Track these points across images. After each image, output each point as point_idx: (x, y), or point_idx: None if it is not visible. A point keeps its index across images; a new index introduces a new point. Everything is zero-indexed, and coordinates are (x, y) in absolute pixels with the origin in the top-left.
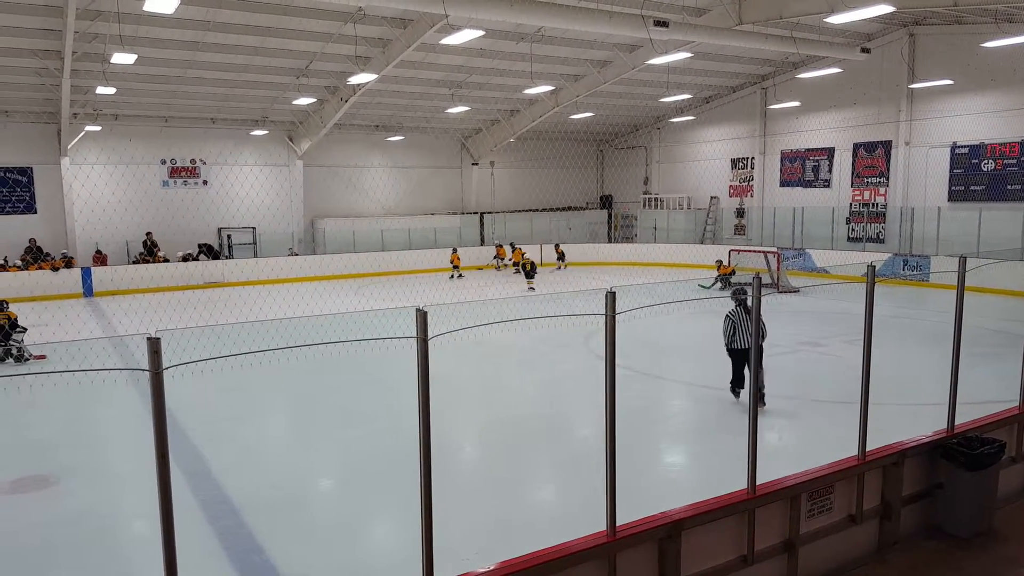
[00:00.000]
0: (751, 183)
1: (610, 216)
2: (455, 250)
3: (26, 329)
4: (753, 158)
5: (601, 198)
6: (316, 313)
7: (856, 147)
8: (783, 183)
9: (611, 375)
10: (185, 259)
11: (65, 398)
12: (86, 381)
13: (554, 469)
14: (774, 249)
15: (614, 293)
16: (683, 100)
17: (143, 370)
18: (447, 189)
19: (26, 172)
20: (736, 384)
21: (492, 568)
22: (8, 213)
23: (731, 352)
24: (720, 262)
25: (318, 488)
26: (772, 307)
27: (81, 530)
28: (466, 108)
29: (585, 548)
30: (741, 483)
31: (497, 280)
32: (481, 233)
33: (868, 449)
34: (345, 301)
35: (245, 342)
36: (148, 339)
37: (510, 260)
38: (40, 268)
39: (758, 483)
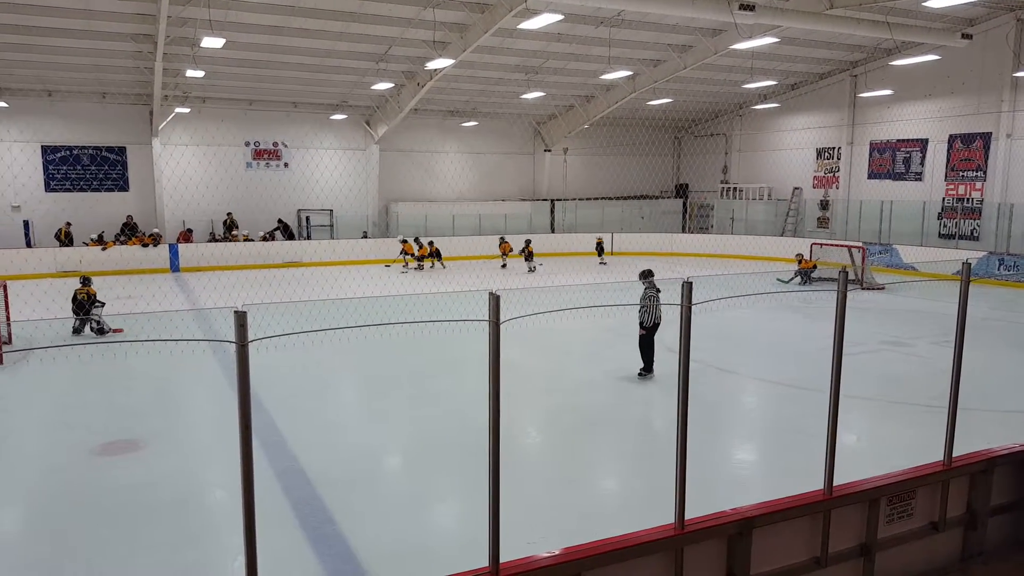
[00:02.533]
0: (837, 174)
1: (685, 205)
2: (503, 239)
3: (104, 304)
4: (840, 148)
5: (676, 187)
6: (389, 293)
7: (952, 139)
8: (871, 175)
9: (685, 366)
10: (265, 238)
11: (153, 366)
12: (174, 351)
13: (620, 459)
14: (859, 244)
15: (691, 283)
16: (767, 87)
17: (230, 342)
18: (519, 175)
19: (121, 152)
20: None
21: (557, 553)
22: (104, 190)
23: (652, 330)
24: (801, 256)
25: (389, 465)
26: (855, 305)
27: (165, 494)
28: (541, 94)
29: (652, 540)
30: (814, 484)
31: (565, 268)
32: (551, 220)
33: (954, 455)
34: (416, 284)
35: (321, 321)
36: (236, 312)
37: (412, 255)
38: (133, 243)
39: (835, 484)
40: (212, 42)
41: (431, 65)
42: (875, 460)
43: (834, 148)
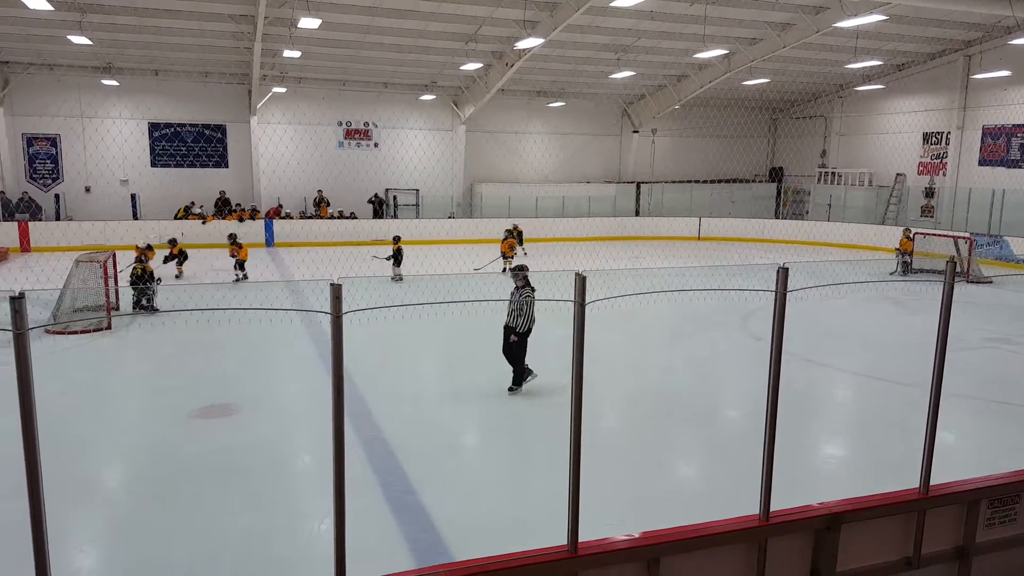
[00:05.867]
0: (944, 160)
1: (779, 190)
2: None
3: (160, 280)
4: (949, 133)
5: (771, 171)
6: (473, 271)
7: None
8: (983, 162)
9: (777, 354)
10: (348, 216)
11: (248, 335)
12: (267, 321)
13: (701, 447)
14: (966, 234)
15: (786, 269)
16: (872, 67)
17: (325, 312)
18: (605, 157)
19: (221, 129)
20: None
21: (636, 536)
22: (205, 166)
23: (526, 335)
24: (908, 231)
25: (470, 441)
26: (960, 299)
27: (257, 457)
28: (631, 73)
29: (734, 529)
30: (907, 482)
31: (651, 252)
32: (637, 203)
33: None
34: (500, 263)
35: (407, 297)
36: (331, 285)
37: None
38: (231, 219)
39: (931, 484)
40: (309, 22)
41: (520, 45)
42: (975, 461)
43: (942, 133)
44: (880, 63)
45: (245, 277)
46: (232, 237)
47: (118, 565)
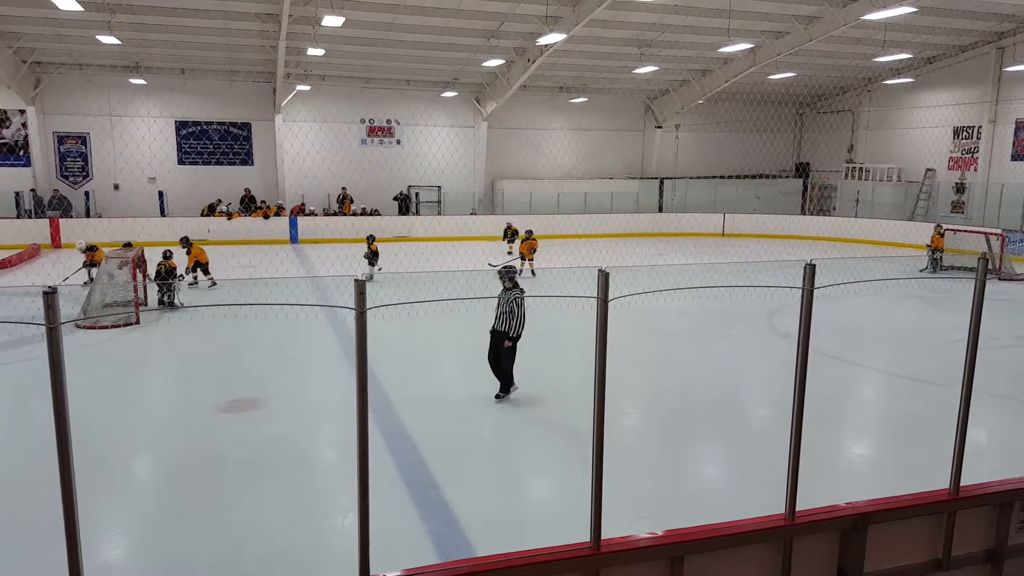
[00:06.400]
0: (976, 155)
1: (805, 186)
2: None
3: (183, 277)
4: (980, 127)
5: (797, 166)
6: (494, 268)
7: None
8: (1015, 156)
9: (803, 352)
10: (371, 213)
11: (272, 330)
12: (291, 316)
13: (725, 446)
14: (998, 231)
15: (813, 266)
16: (901, 60)
17: (349, 308)
18: (627, 153)
19: (246, 127)
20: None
21: (660, 534)
22: (230, 164)
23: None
24: (940, 227)
25: (491, 437)
26: (991, 296)
27: (282, 450)
28: (654, 68)
29: (759, 529)
30: (936, 483)
31: (674, 248)
32: (660, 199)
33: None
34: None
35: (429, 294)
36: (355, 281)
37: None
38: (256, 215)
39: (962, 484)
40: (332, 20)
41: (542, 40)
42: (1008, 462)
43: (973, 127)
44: (909, 56)
45: (213, 283)
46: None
47: (145, 554)
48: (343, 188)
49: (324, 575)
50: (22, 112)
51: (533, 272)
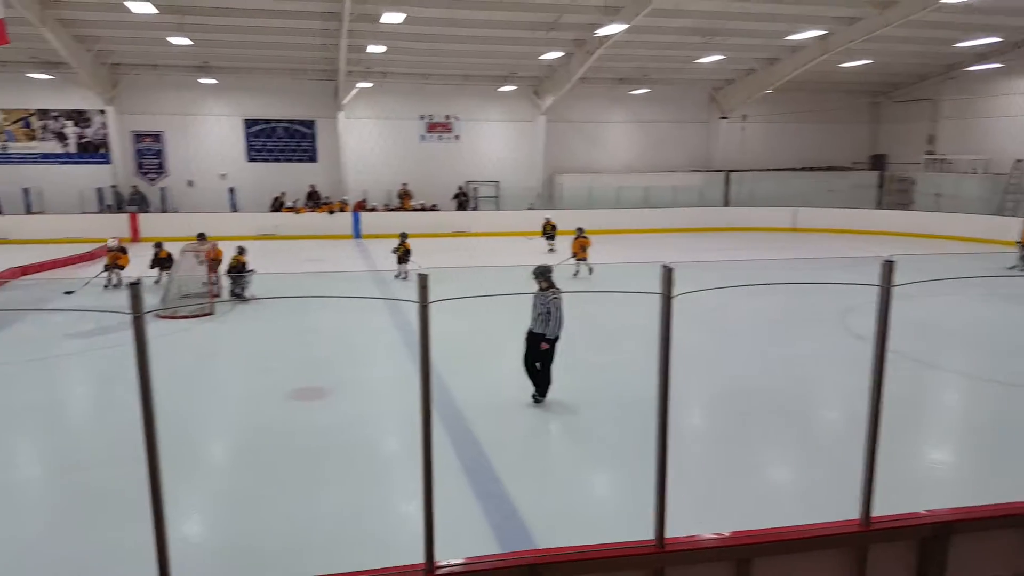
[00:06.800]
0: None
1: (882, 179)
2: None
3: (254, 271)
4: None
5: (871, 158)
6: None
7: None
8: None
9: (880, 352)
10: (429, 209)
11: (337, 322)
12: (355, 308)
13: (796, 448)
14: None
15: (892, 262)
16: (987, 45)
17: (413, 301)
18: (690, 145)
19: (310, 125)
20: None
21: (726, 535)
22: (295, 161)
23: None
24: None
25: (553, 432)
26: None
27: (347, 438)
28: (719, 57)
29: (832, 534)
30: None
31: (741, 243)
32: (726, 193)
33: None
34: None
35: (489, 288)
36: (419, 275)
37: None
38: (321, 211)
39: None
40: (392, 17)
41: (602, 32)
42: None
43: None
44: (998, 40)
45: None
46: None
47: (219, 532)
48: (403, 184)
49: (389, 561)
50: (102, 112)
51: (590, 270)
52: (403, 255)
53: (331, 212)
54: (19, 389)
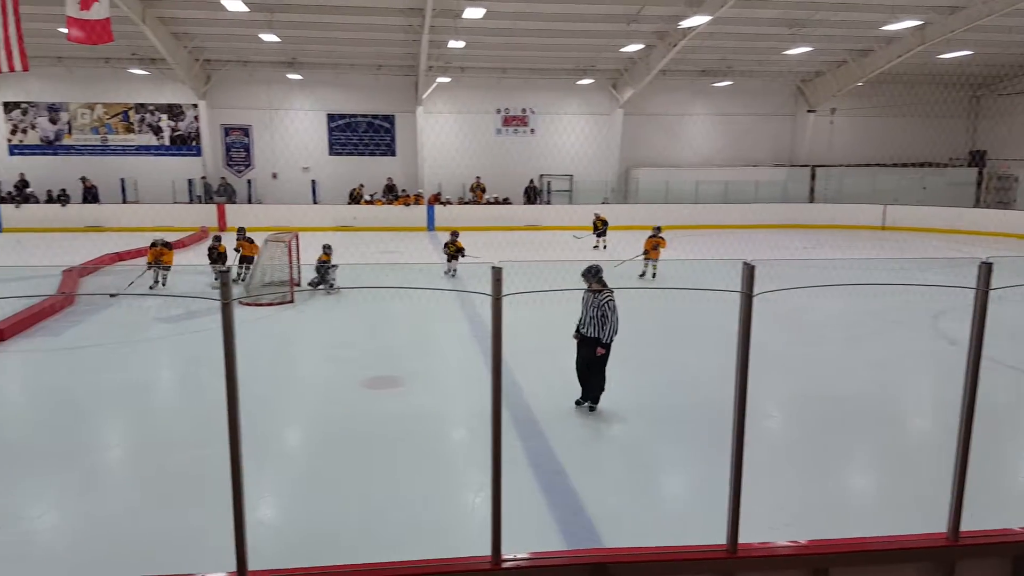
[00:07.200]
0: None
1: (980, 176)
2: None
3: (337, 266)
4: None
5: (971, 154)
6: (628, 258)
7: None
8: None
9: (975, 358)
10: (501, 202)
11: (410, 313)
12: (428, 300)
13: (880, 456)
14: None
15: (990, 264)
16: None
17: (486, 294)
18: (775, 139)
19: (389, 119)
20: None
21: (803, 543)
22: (374, 155)
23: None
24: None
25: (620, 429)
26: None
27: (419, 426)
28: (808, 49)
29: (917, 547)
30: None
31: (827, 241)
32: (811, 189)
33: None
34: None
35: (555, 283)
36: (492, 268)
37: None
38: (397, 203)
39: None
40: (474, 12)
41: (685, 23)
42: None
43: None
44: None
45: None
46: (327, 248)
47: (294, 515)
48: (477, 177)
49: (458, 550)
50: (194, 106)
51: (654, 274)
52: (454, 253)
53: (407, 205)
54: (111, 370)
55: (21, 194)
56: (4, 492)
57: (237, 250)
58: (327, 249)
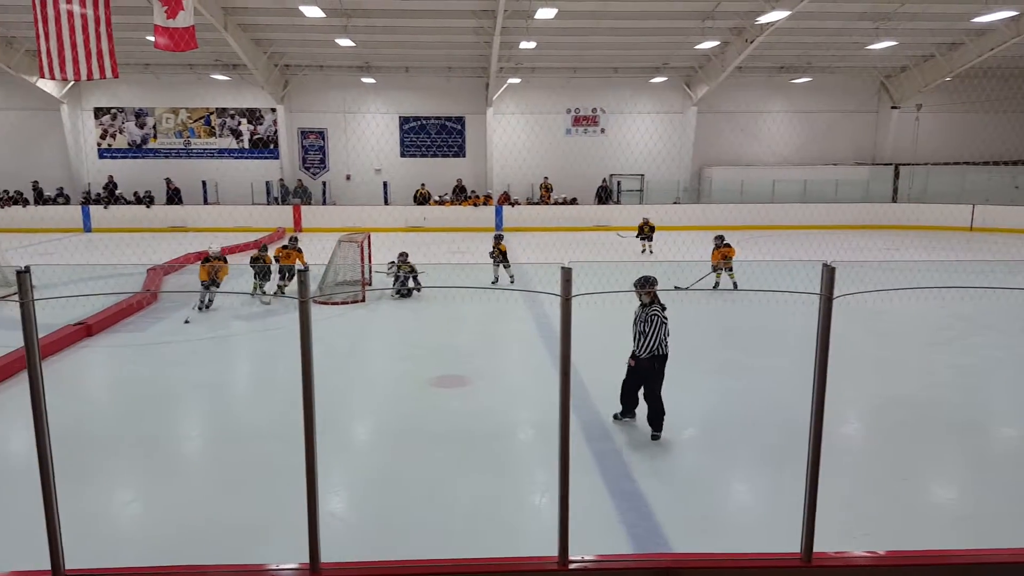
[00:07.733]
0: None
1: None
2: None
3: (423, 271)
4: None
5: None
6: (697, 260)
7: None
8: None
9: None
10: (569, 202)
11: (478, 313)
12: (496, 300)
13: (965, 467)
14: None
15: None
16: None
17: (555, 295)
18: (856, 136)
19: (460, 121)
20: (626, 407)
21: (881, 554)
22: (444, 156)
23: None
24: None
25: (689, 433)
26: None
27: (486, 426)
28: (892, 43)
29: (1006, 562)
30: None
31: (912, 242)
32: (895, 188)
33: None
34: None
35: (623, 284)
36: (562, 268)
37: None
38: (466, 204)
39: None
40: (546, 12)
41: (763, 19)
42: None
43: None
44: None
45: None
46: (403, 255)
47: (364, 509)
48: (544, 177)
49: (524, 550)
50: (273, 111)
51: (735, 285)
52: (499, 257)
53: (475, 205)
54: (192, 365)
55: (110, 196)
56: (90, 478)
57: (276, 258)
58: (404, 256)
